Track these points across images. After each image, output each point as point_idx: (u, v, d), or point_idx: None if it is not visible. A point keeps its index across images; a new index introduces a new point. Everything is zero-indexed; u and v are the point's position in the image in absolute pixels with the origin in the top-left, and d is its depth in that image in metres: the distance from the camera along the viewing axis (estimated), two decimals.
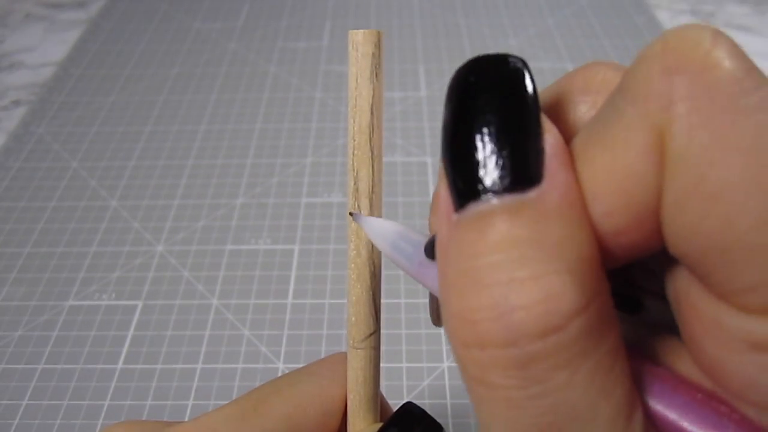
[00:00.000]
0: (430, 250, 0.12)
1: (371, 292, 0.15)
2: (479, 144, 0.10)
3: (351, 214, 0.14)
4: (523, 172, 0.09)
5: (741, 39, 0.58)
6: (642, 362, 0.10)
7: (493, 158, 0.10)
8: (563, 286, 0.09)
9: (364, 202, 0.14)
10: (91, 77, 0.56)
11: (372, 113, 0.14)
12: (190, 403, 0.32)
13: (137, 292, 0.37)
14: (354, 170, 0.14)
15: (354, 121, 0.14)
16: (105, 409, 0.32)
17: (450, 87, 0.10)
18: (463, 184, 0.10)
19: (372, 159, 0.14)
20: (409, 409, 0.16)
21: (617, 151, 0.09)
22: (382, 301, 0.16)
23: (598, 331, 0.09)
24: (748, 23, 0.61)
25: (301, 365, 0.18)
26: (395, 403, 0.17)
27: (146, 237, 0.41)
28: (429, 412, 0.16)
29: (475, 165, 0.10)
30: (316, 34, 0.61)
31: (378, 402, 0.16)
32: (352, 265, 0.15)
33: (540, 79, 0.55)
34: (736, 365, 0.09)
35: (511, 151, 0.10)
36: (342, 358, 0.17)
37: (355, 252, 0.15)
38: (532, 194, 0.09)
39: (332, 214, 0.42)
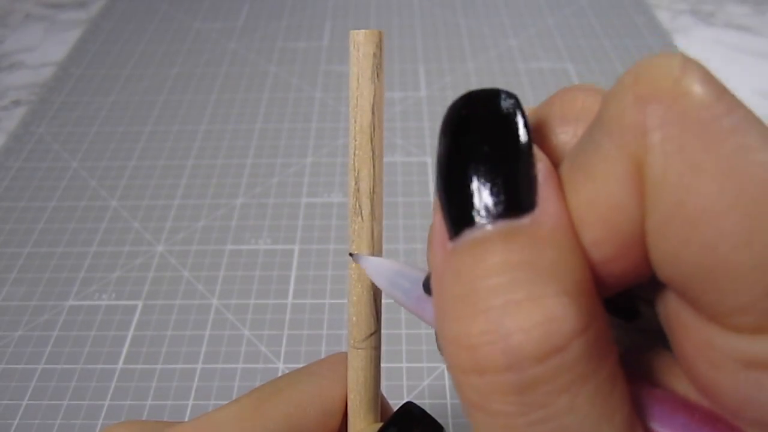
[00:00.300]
0: (427, 286, 0.12)
1: (372, 292, 0.15)
2: (473, 174, 0.10)
3: (351, 255, 0.15)
4: (516, 199, 0.10)
5: (741, 39, 0.58)
6: (640, 384, 0.11)
7: (488, 186, 0.10)
8: (562, 308, 0.09)
9: (365, 202, 0.14)
10: (91, 77, 0.56)
11: (373, 113, 0.14)
12: (190, 403, 0.32)
13: (137, 292, 0.37)
14: (355, 170, 0.14)
15: (355, 121, 0.14)
16: (105, 409, 0.32)
17: (444, 121, 0.11)
18: (458, 212, 0.10)
19: (373, 159, 0.14)
20: (409, 409, 0.16)
21: (598, 183, 0.10)
22: (383, 301, 0.16)
23: (597, 354, 0.09)
24: (748, 23, 0.61)
25: (301, 365, 0.18)
26: (395, 403, 0.17)
27: (146, 237, 0.41)
28: (429, 412, 0.16)
29: (469, 194, 0.10)
30: (316, 34, 0.61)
31: (378, 402, 0.16)
32: (353, 265, 0.15)
33: (540, 79, 0.55)
34: (730, 384, 0.09)
35: (504, 179, 0.10)
36: (342, 358, 0.17)
37: (356, 252, 0.15)
38: (525, 220, 0.09)
39: (332, 214, 0.42)
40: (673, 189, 0.09)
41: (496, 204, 0.10)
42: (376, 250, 0.15)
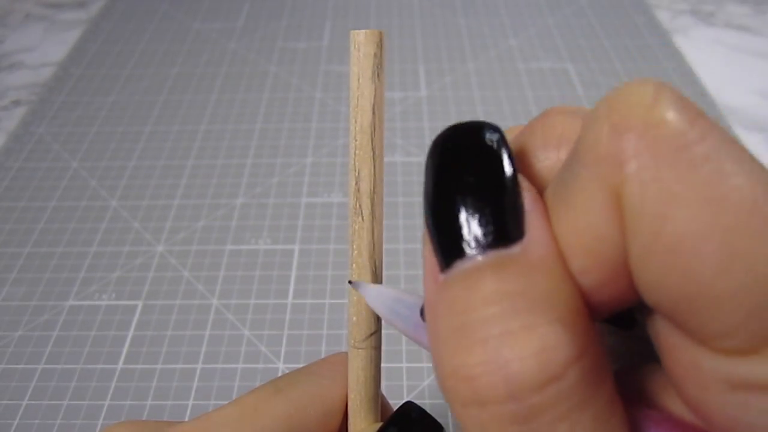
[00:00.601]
0: (423, 313, 0.13)
1: None
2: (461, 205, 0.10)
3: (350, 282, 0.15)
4: (505, 228, 0.10)
5: (741, 39, 0.58)
6: (635, 406, 0.11)
7: (476, 217, 0.10)
8: (557, 336, 0.09)
9: (366, 202, 0.14)
10: (91, 77, 0.56)
11: (374, 113, 0.14)
12: (190, 403, 0.32)
13: (137, 292, 0.37)
14: (355, 170, 0.14)
15: (356, 121, 0.14)
16: (105, 409, 0.32)
17: (430, 154, 0.11)
18: (448, 243, 0.10)
19: (373, 159, 0.14)
20: (409, 408, 0.16)
21: (579, 214, 0.10)
22: None
23: (594, 381, 0.09)
24: (748, 23, 0.61)
25: (301, 365, 0.18)
26: (395, 403, 0.17)
27: (146, 237, 0.41)
28: (429, 412, 0.16)
29: (458, 225, 0.10)
30: (316, 34, 0.61)
31: (378, 402, 0.16)
32: (354, 265, 0.15)
33: (540, 79, 0.55)
34: (718, 405, 0.09)
35: (492, 209, 0.10)
36: (342, 358, 0.17)
37: (356, 252, 0.15)
38: (515, 249, 0.10)
39: (332, 214, 0.42)
40: (651, 218, 0.09)
41: (485, 234, 0.10)
42: (377, 251, 0.15)
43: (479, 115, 0.49)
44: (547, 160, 0.12)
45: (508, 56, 0.56)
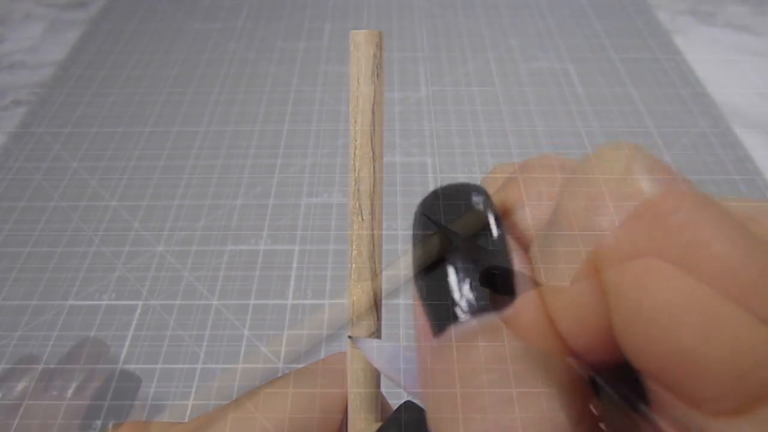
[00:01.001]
0: None
1: (372, 292, 0.15)
2: (451, 270, 0.10)
3: (350, 337, 0.15)
4: (495, 292, 0.10)
5: (741, 39, 0.58)
6: None
7: (467, 282, 0.10)
8: (555, 401, 0.09)
9: (365, 203, 0.14)
10: (91, 77, 0.56)
11: (373, 113, 0.14)
12: (190, 403, 0.32)
13: (137, 292, 0.37)
14: (355, 170, 0.14)
15: (355, 122, 0.14)
16: (105, 409, 0.32)
17: (416, 219, 0.11)
18: (440, 308, 0.10)
19: (373, 159, 0.14)
20: (408, 408, 0.16)
21: (563, 282, 0.10)
22: (383, 301, 0.16)
23: None
24: (748, 23, 0.61)
25: (301, 365, 0.18)
26: (395, 403, 0.17)
27: (146, 237, 0.41)
28: None
29: (450, 290, 0.10)
30: (316, 34, 0.61)
31: (378, 402, 0.16)
32: (353, 265, 0.15)
33: (540, 79, 0.55)
34: None
35: (483, 273, 0.10)
36: (342, 358, 0.17)
37: (356, 252, 0.15)
38: (507, 312, 0.10)
39: (332, 214, 0.42)
40: (630, 290, 0.09)
41: (477, 298, 0.10)
42: (377, 251, 0.15)
43: (479, 116, 0.49)
44: (529, 218, 0.12)
45: (508, 56, 0.56)
